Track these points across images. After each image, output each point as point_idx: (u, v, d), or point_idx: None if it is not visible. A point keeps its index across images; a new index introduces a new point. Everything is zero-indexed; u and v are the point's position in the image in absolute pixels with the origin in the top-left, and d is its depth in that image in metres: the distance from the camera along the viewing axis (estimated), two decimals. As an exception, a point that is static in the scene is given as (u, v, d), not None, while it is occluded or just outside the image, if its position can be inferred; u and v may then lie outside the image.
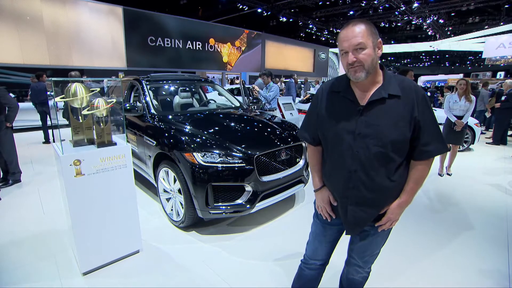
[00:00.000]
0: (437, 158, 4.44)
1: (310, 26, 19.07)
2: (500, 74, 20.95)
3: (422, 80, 26.18)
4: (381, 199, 1.20)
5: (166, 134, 2.83)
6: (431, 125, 1.13)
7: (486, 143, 6.99)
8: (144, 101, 3.38)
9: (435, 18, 16.49)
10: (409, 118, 1.10)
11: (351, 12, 16.38)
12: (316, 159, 1.38)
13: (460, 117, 4.18)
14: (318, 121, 1.28)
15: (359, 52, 1.06)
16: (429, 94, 4.82)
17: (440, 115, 4.83)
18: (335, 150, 1.23)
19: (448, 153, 4.48)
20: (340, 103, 1.21)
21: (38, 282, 2.02)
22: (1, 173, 3.82)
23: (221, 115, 3.48)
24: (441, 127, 4.47)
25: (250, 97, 4.85)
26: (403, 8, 14.88)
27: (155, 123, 3.09)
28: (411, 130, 1.11)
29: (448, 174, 4.48)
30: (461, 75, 23.49)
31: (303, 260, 1.55)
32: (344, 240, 1.45)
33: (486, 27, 17.25)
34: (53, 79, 1.85)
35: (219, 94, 4.57)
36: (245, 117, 3.51)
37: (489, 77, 21.40)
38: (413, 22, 17.59)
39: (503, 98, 6.78)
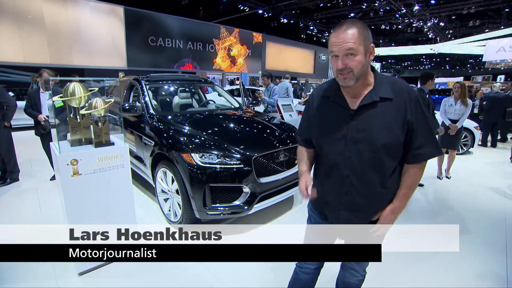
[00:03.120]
0: (434, 161, 4.43)
1: (311, 27, 19.07)
2: (501, 78, 20.94)
3: None
4: (373, 205, 1.20)
5: (165, 135, 2.83)
6: (424, 127, 1.11)
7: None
8: (143, 101, 3.37)
9: (435, 21, 16.53)
10: (401, 121, 1.08)
11: (352, 14, 16.36)
12: (307, 155, 1.36)
13: (455, 121, 4.16)
14: (310, 126, 1.28)
15: (349, 59, 1.02)
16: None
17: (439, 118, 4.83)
18: (327, 155, 1.21)
19: (446, 157, 4.47)
20: (331, 108, 1.19)
21: (33, 282, 2.01)
22: (-1, 172, 3.82)
23: (220, 116, 3.47)
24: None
25: (250, 98, 4.85)
26: (404, 10, 14.89)
27: (154, 123, 3.08)
28: (404, 133, 1.10)
29: (447, 177, 4.47)
30: (461, 78, 23.51)
31: (298, 264, 1.54)
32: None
33: (486, 30, 17.29)
34: (50, 78, 1.85)
35: (219, 94, 4.57)
36: (244, 118, 3.51)
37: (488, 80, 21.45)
38: (414, 25, 17.59)
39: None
